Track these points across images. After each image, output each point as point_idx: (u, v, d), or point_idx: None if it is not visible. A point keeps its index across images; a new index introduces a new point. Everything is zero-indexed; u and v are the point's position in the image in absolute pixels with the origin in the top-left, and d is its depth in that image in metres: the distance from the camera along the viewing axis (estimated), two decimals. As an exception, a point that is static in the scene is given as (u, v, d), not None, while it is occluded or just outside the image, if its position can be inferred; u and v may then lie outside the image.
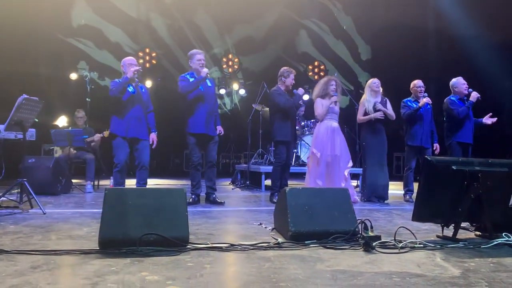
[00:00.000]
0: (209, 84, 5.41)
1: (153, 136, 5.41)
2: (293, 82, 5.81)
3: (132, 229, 2.63)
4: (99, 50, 12.78)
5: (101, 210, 2.69)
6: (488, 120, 6.09)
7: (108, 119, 5.43)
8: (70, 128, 7.10)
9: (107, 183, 7.52)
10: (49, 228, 3.39)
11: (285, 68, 5.87)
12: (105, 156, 7.48)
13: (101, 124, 7.22)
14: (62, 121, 8.69)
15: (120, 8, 12.83)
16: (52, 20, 11.62)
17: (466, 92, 5.99)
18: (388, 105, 6.05)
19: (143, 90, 5.46)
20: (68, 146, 6.72)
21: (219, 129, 5.51)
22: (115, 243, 2.57)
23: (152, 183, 8.26)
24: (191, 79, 5.25)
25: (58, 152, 7.15)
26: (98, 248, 2.57)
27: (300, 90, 5.82)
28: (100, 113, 9.14)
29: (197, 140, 5.30)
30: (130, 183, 5.87)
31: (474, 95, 5.89)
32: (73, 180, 7.08)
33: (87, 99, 9.33)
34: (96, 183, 7.16)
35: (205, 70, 5.25)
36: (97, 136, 6.93)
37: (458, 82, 6.10)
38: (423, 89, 6.13)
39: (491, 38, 12.23)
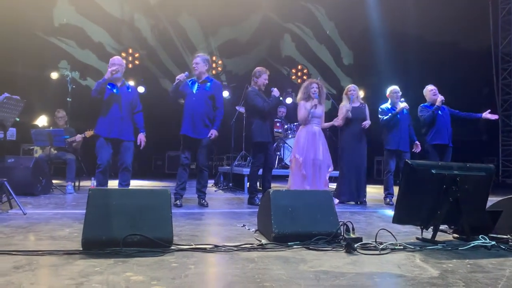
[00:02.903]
0: (206, 88, 5.36)
1: (140, 137, 5.38)
2: (266, 81, 5.71)
3: (116, 229, 2.62)
4: (81, 49, 12.63)
5: (82, 211, 2.68)
6: (488, 115, 6.24)
7: (89, 119, 5.40)
8: (50, 128, 7.00)
9: (87, 184, 7.44)
10: (30, 229, 3.35)
11: (258, 68, 5.83)
12: (86, 157, 7.41)
13: (83, 124, 7.16)
14: (42, 121, 8.56)
15: (104, 8, 12.70)
16: (34, 18, 11.44)
17: (435, 97, 6.18)
18: (366, 111, 6.18)
19: (129, 90, 5.42)
20: (49, 146, 6.62)
21: (211, 131, 5.29)
22: (99, 243, 2.56)
23: (134, 184, 8.20)
24: (189, 83, 5.35)
25: (38, 152, 7.05)
26: (81, 249, 2.56)
27: (276, 92, 5.65)
28: (81, 113, 9.06)
29: (184, 141, 5.32)
30: (112, 184, 5.82)
31: (438, 99, 6.10)
32: (53, 181, 6.99)
33: (68, 99, 9.21)
34: (76, 184, 7.07)
35: (183, 74, 5.30)
36: (79, 137, 6.86)
37: (426, 90, 6.43)
38: (399, 94, 6.29)
39: (469, 46, 12.54)
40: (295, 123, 8.81)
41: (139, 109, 5.48)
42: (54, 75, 11.30)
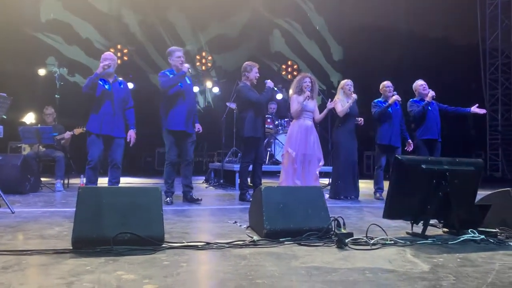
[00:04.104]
0: (188, 81, 5.37)
1: (131, 133, 5.31)
2: (257, 75, 5.73)
3: (107, 228, 2.60)
4: (68, 45, 12.49)
5: (72, 209, 2.65)
6: (477, 109, 6.24)
7: (78, 116, 5.34)
8: (38, 125, 6.91)
9: (77, 181, 7.37)
10: (19, 228, 3.31)
11: (247, 62, 5.81)
12: (75, 154, 7.34)
13: (71, 121, 7.08)
14: (30, 118, 8.47)
15: (91, 3, 12.58)
16: (20, 14, 11.28)
17: (425, 92, 6.21)
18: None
19: (122, 86, 5.35)
20: (37, 143, 6.54)
21: (198, 127, 5.49)
22: (89, 242, 2.53)
23: (123, 181, 8.14)
24: (171, 76, 5.20)
25: (26, 149, 6.96)
26: (71, 248, 2.53)
27: (270, 83, 5.69)
28: (70, 110, 8.97)
29: (175, 137, 5.21)
30: (102, 181, 5.77)
31: (429, 95, 6.12)
32: (42, 179, 6.91)
33: (56, 95, 9.12)
34: (65, 181, 7.00)
35: (186, 65, 5.22)
36: (67, 134, 6.79)
37: (416, 84, 6.43)
38: (392, 89, 6.30)
39: (457, 41, 12.65)
40: (286, 119, 8.82)
41: (130, 105, 5.42)
42: (42, 72, 11.15)
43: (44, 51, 12.06)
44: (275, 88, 5.80)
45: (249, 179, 6.14)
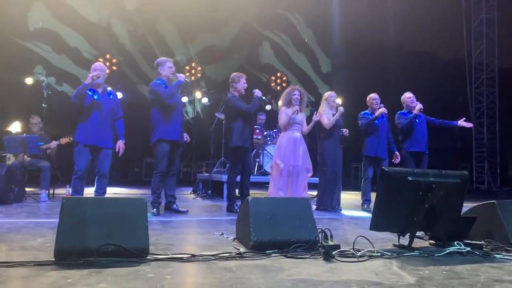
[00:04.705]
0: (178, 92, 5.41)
1: (119, 144, 5.27)
2: (245, 86, 5.75)
3: (90, 239, 2.55)
4: (57, 54, 12.39)
5: (56, 220, 2.60)
6: (463, 123, 6.31)
7: (65, 126, 5.28)
8: (24, 135, 6.81)
9: (62, 191, 7.27)
10: (0, 239, 3.24)
11: (235, 73, 5.84)
12: (61, 164, 7.24)
13: (58, 131, 7.00)
14: (15, 127, 8.35)
15: (80, 13, 12.52)
16: (7, 22, 11.19)
17: (412, 105, 6.26)
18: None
19: (111, 97, 5.32)
20: (22, 153, 6.44)
21: (186, 136, 5.49)
22: (72, 254, 2.48)
23: (110, 191, 8.05)
24: (163, 86, 5.21)
25: (11, 159, 6.85)
26: (53, 260, 2.48)
27: (258, 92, 5.71)
28: (56, 119, 8.87)
29: (170, 147, 5.20)
30: (87, 191, 5.70)
31: (417, 107, 6.17)
32: (27, 189, 6.80)
33: (43, 104, 9.02)
34: (51, 191, 6.90)
35: (182, 75, 5.26)
36: (53, 144, 6.70)
37: (404, 97, 6.48)
38: (378, 101, 6.35)
39: (444, 56, 12.86)
40: (275, 130, 8.83)
41: (120, 115, 5.38)
42: (29, 81, 11.02)
43: (31, 60, 11.96)
44: (264, 98, 5.83)
45: (237, 190, 6.11)
